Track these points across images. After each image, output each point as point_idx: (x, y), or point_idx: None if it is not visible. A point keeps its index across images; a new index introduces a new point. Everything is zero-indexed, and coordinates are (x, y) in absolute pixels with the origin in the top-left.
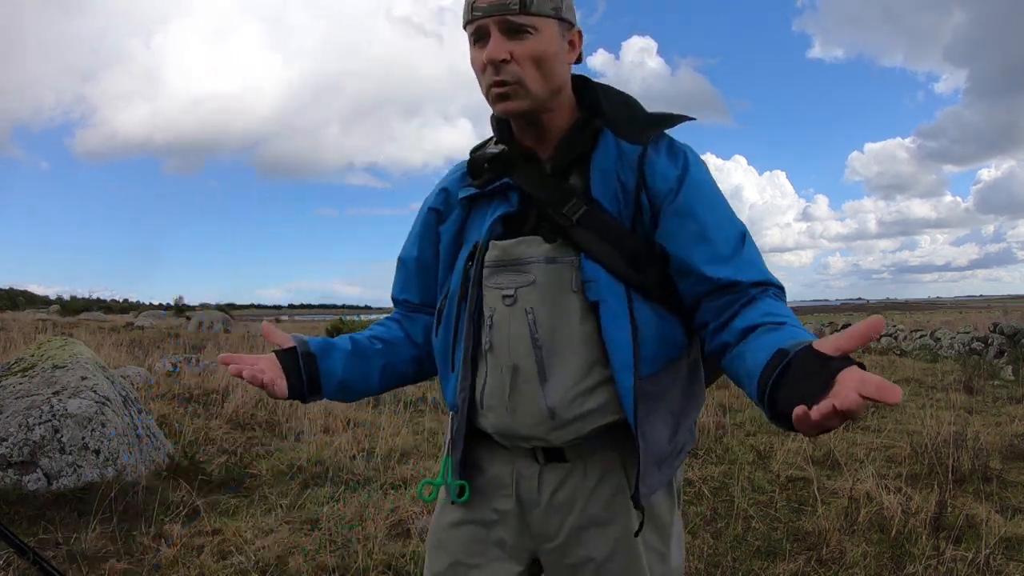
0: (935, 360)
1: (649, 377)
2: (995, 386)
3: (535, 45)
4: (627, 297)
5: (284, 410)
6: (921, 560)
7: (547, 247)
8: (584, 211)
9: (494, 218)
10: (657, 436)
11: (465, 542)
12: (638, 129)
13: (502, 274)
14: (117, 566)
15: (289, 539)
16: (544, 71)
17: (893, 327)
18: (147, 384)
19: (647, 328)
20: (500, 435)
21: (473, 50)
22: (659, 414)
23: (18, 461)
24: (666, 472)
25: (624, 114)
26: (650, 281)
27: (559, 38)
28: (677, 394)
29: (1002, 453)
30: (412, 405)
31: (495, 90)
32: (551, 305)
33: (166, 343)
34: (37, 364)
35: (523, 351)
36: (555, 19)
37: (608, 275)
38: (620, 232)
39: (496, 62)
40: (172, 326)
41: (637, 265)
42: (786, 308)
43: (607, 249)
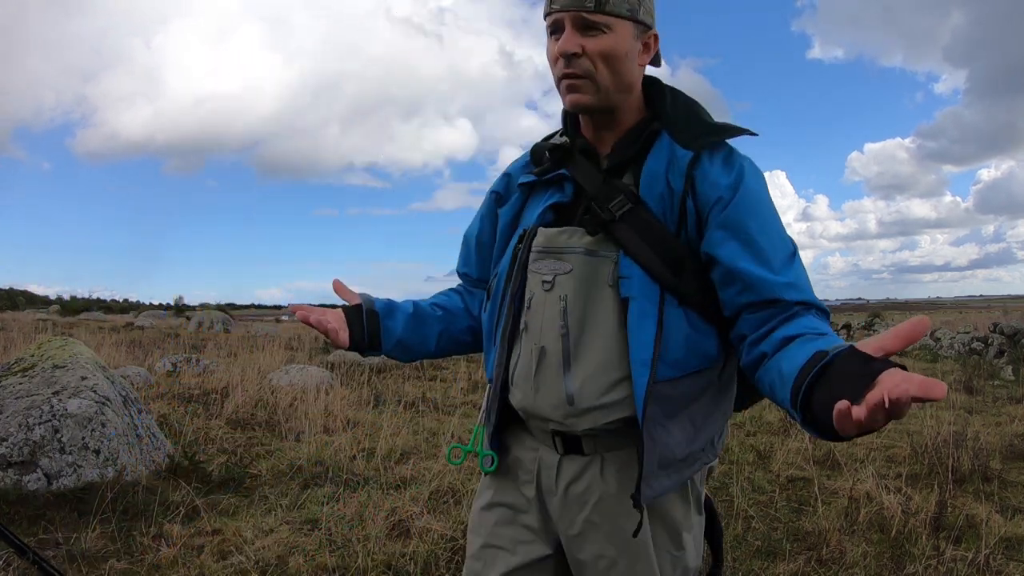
0: (935, 360)
1: (670, 381)
2: (995, 386)
3: (607, 43)
4: (660, 299)
5: (284, 410)
6: (921, 560)
7: (588, 239)
8: (628, 209)
9: (546, 206)
10: (669, 440)
11: (494, 525)
12: (694, 135)
13: (545, 260)
14: (117, 566)
15: (289, 539)
16: (614, 69)
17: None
18: (147, 384)
19: (676, 332)
20: (523, 412)
21: (549, 41)
22: (677, 420)
23: (18, 461)
24: (674, 478)
25: (684, 119)
26: (687, 286)
27: (632, 39)
28: (701, 405)
29: (1002, 453)
30: (412, 405)
31: (565, 82)
32: (585, 296)
33: (166, 343)
34: (37, 364)
35: (552, 335)
36: (630, 20)
37: (643, 274)
38: (662, 234)
39: (568, 55)
40: (172, 326)
41: (676, 269)
42: (828, 327)
43: (646, 249)
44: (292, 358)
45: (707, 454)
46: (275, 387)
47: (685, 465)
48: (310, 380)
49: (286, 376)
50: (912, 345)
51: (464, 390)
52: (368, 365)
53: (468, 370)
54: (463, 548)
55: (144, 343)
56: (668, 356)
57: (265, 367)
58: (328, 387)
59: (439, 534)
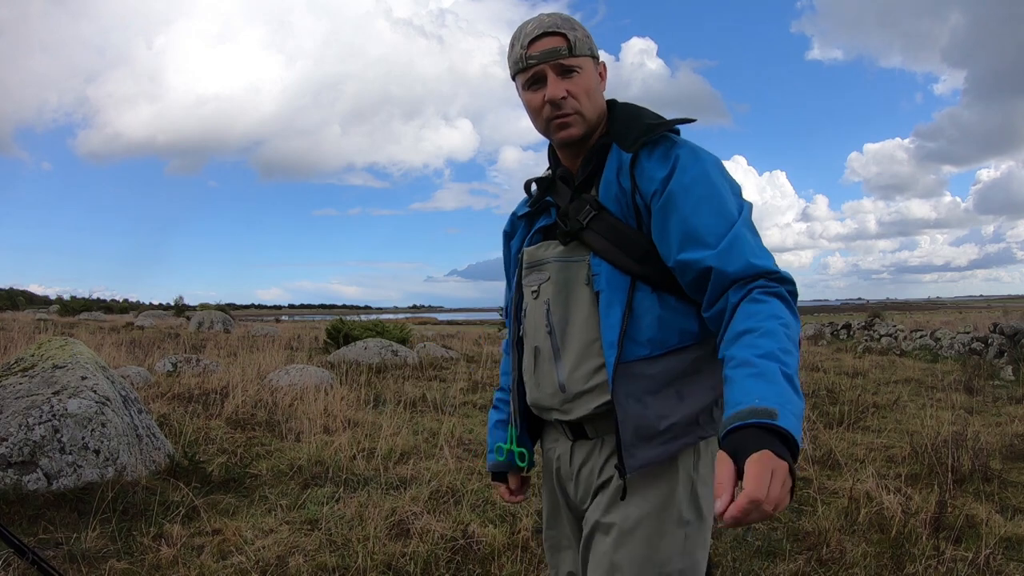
0: (935, 360)
1: (647, 359)
2: (995, 386)
3: (583, 81)
4: (630, 287)
5: (284, 410)
6: (921, 560)
7: (561, 249)
8: (592, 216)
9: (534, 230)
10: (646, 413)
11: (546, 505)
12: (633, 138)
13: (532, 274)
14: (117, 566)
15: (289, 539)
16: (592, 101)
17: (893, 327)
18: (147, 384)
19: (647, 315)
20: (533, 406)
21: (527, 94)
22: (661, 395)
23: (18, 461)
24: (659, 449)
25: (626, 126)
26: (655, 273)
27: (595, 72)
28: (686, 378)
29: (1002, 453)
30: (412, 405)
31: (557, 122)
32: (565, 297)
33: (166, 343)
34: (37, 364)
35: (541, 335)
36: (591, 57)
37: (611, 269)
38: (626, 232)
39: (557, 100)
40: (172, 326)
41: (640, 259)
42: (768, 307)
43: (611, 247)
44: (292, 358)
45: (703, 428)
46: (275, 387)
47: (671, 436)
48: (310, 380)
49: (286, 376)
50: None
51: (464, 390)
52: (368, 365)
53: (468, 370)
54: (463, 548)
55: (144, 343)
56: (640, 336)
57: (265, 367)
58: (328, 387)
59: (439, 534)
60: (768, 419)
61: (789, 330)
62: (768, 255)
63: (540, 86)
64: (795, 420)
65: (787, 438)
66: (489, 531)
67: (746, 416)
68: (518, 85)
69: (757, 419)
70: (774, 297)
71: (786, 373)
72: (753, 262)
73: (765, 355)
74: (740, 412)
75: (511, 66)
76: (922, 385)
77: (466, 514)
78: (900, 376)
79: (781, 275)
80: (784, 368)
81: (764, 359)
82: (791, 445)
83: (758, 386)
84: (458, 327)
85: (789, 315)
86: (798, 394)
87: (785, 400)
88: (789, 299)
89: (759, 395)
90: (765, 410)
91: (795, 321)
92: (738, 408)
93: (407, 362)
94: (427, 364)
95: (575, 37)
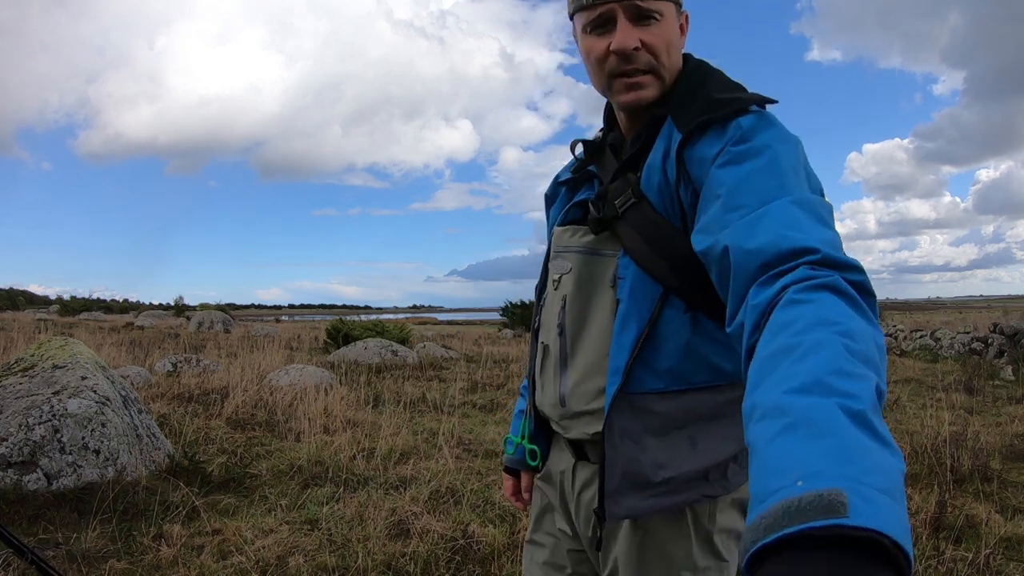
0: (935, 360)
1: (659, 393)
2: (995, 386)
3: (662, 31)
4: (659, 301)
5: (284, 410)
6: (921, 560)
7: (591, 238)
8: (631, 204)
9: (571, 204)
10: (642, 458)
11: (536, 518)
12: (692, 114)
13: (556, 259)
14: (117, 566)
15: (289, 539)
16: (671, 58)
17: (893, 327)
18: (147, 384)
19: (673, 339)
20: (536, 406)
21: (588, 39)
22: (668, 439)
23: (18, 461)
24: (651, 501)
25: (689, 96)
26: (694, 287)
27: (675, 23)
28: (705, 423)
29: (1002, 453)
30: (412, 405)
31: (624, 80)
32: (585, 296)
33: (166, 343)
34: (37, 364)
35: (552, 334)
36: (673, 2)
37: (641, 274)
38: (665, 231)
39: (628, 51)
40: (172, 326)
41: (682, 268)
42: (814, 308)
43: (644, 248)
44: (292, 358)
45: (711, 485)
46: (275, 387)
47: (668, 490)
48: (310, 380)
49: (286, 376)
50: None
51: (463, 390)
52: (368, 365)
53: (468, 370)
54: (463, 548)
55: (144, 343)
56: (658, 364)
57: (265, 367)
58: (328, 387)
59: (439, 534)
60: (828, 518)
61: (854, 340)
62: (826, 234)
63: (606, 30)
64: (888, 505)
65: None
66: (489, 531)
67: (780, 519)
68: (576, 27)
69: (804, 523)
70: (824, 291)
71: (853, 411)
72: (787, 234)
73: (806, 387)
74: (768, 512)
75: (570, 1)
76: (922, 385)
77: (466, 514)
78: (900, 376)
79: (835, 258)
80: (848, 403)
81: (805, 394)
82: (894, 564)
83: (798, 448)
84: (458, 327)
85: (854, 316)
86: (886, 446)
87: (857, 463)
88: (852, 293)
89: (802, 466)
90: (818, 497)
91: (867, 326)
92: (765, 505)
93: (407, 362)
94: (427, 364)
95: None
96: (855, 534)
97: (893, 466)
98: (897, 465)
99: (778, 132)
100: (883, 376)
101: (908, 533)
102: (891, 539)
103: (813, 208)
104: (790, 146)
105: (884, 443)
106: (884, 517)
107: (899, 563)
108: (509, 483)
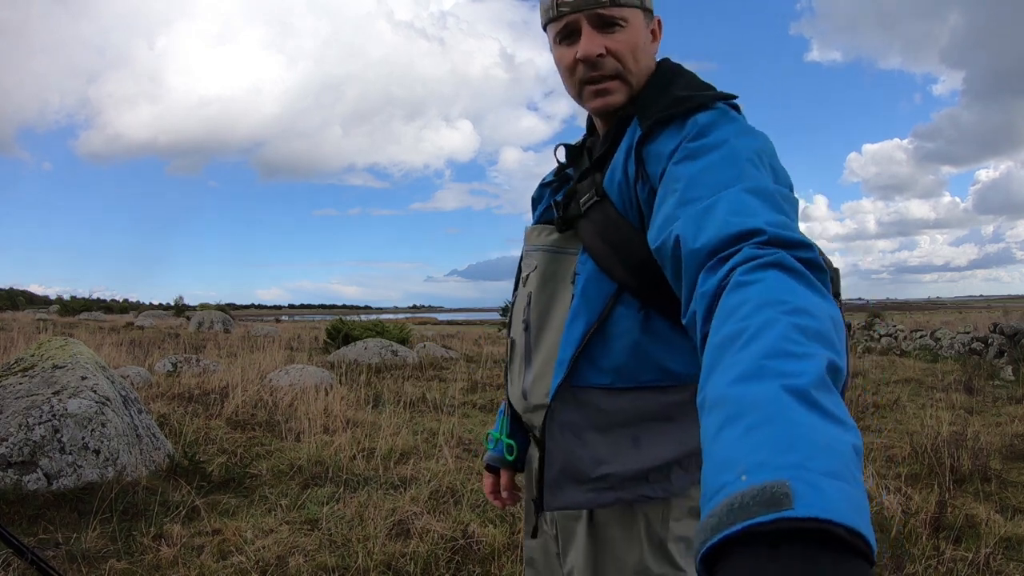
0: (935, 360)
1: (605, 389)
2: (995, 386)
3: (628, 37)
4: (611, 299)
5: (284, 410)
6: (921, 560)
7: (555, 237)
8: (593, 203)
9: (547, 204)
10: (579, 452)
11: (525, 513)
12: (654, 112)
13: (527, 257)
14: (117, 566)
15: (289, 539)
16: (639, 62)
17: (893, 327)
18: (147, 384)
19: (622, 337)
20: (509, 401)
21: (559, 49)
22: (610, 435)
23: (18, 461)
24: (591, 496)
25: (654, 95)
26: (648, 287)
27: (645, 28)
28: (650, 423)
29: (1002, 453)
30: (412, 405)
31: (591, 87)
32: (548, 293)
33: (166, 343)
34: (37, 364)
35: (519, 329)
36: (640, 9)
37: (596, 271)
38: (622, 229)
39: (592, 58)
40: (172, 326)
41: (638, 268)
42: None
43: (602, 245)
44: (292, 358)
45: (651, 486)
46: (275, 387)
47: (606, 487)
48: (310, 380)
49: (286, 376)
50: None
51: (463, 390)
52: (368, 365)
53: (468, 370)
54: (463, 548)
55: (144, 343)
56: (605, 361)
57: (265, 367)
58: (328, 387)
59: (439, 534)
60: (771, 512)
61: (801, 317)
62: (775, 217)
63: (574, 40)
64: (838, 489)
65: (831, 538)
66: (489, 531)
67: (724, 517)
68: (549, 37)
69: (747, 520)
70: (771, 269)
71: (798, 390)
72: (733, 220)
73: (750, 374)
74: (715, 511)
75: (542, 13)
76: (922, 385)
77: (466, 514)
78: (900, 376)
79: (782, 236)
80: (792, 383)
81: (748, 382)
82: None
83: (741, 440)
84: (458, 327)
85: (803, 292)
86: (836, 422)
87: (801, 448)
88: (801, 269)
89: (746, 459)
90: (760, 491)
91: (819, 302)
92: (712, 504)
93: (407, 362)
94: (427, 364)
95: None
96: (802, 526)
97: (843, 443)
98: (847, 440)
99: (738, 127)
100: (840, 351)
101: (862, 513)
102: (844, 526)
103: (768, 196)
104: (750, 139)
105: (834, 420)
106: (833, 503)
107: (857, 548)
108: (488, 481)
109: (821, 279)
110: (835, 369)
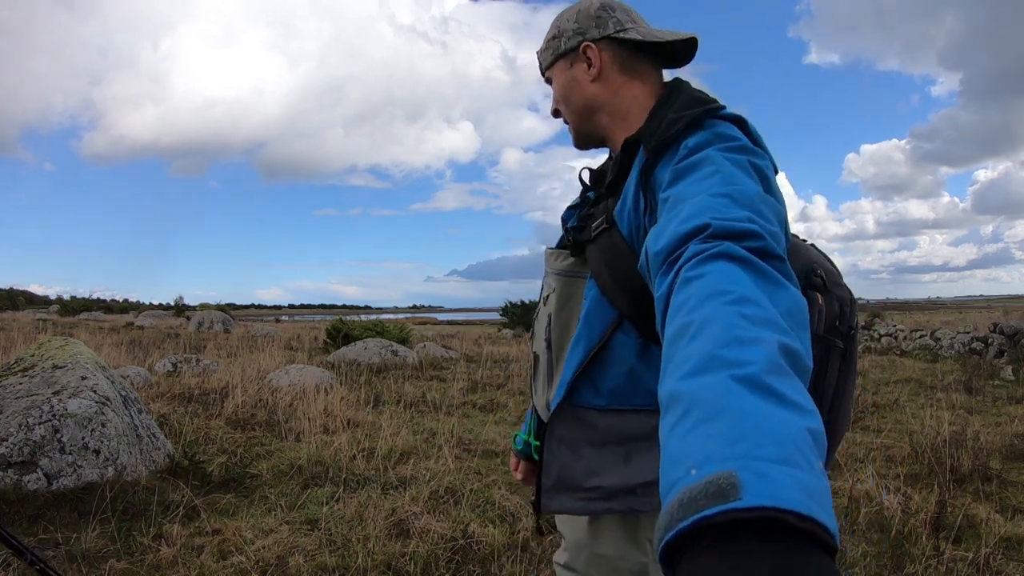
0: (935, 360)
1: (599, 409)
2: (995, 386)
3: (557, 89)
4: (612, 326)
5: (284, 410)
6: (921, 560)
7: (570, 261)
8: (601, 230)
9: (569, 226)
10: (573, 464)
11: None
12: (648, 138)
13: (546, 278)
14: (117, 566)
15: (289, 539)
16: (572, 105)
17: (893, 327)
18: (147, 384)
19: (619, 364)
20: (535, 406)
21: None
22: (604, 451)
23: (18, 461)
24: (580, 504)
25: (653, 120)
26: (648, 317)
27: (566, 72)
28: (641, 443)
29: (1002, 453)
30: (412, 405)
31: None
32: (566, 315)
33: (166, 343)
34: (37, 364)
35: (542, 347)
36: (560, 58)
37: (600, 298)
38: (624, 257)
39: (553, 116)
40: (172, 326)
41: (639, 296)
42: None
43: (605, 272)
44: (292, 358)
45: (639, 498)
46: (275, 387)
47: (597, 496)
48: (310, 380)
49: (286, 376)
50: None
51: (463, 390)
52: (368, 365)
53: (468, 370)
54: (463, 548)
55: (144, 343)
56: (602, 384)
57: (265, 367)
58: (328, 387)
59: (439, 534)
60: (718, 504)
61: (748, 305)
62: (730, 212)
63: None
64: (787, 475)
65: (783, 527)
66: (489, 531)
67: (676, 513)
68: None
69: (696, 513)
70: (716, 261)
71: (747, 378)
72: (686, 222)
73: (698, 368)
74: (668, 508)
75: None
76: (922, 385)
77: (466, 514)
78: (900, 376)
79: (728, 228)
80: (740, 371)
81: (697, 375)
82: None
83: (691, 434)
84: (458, 327)
85: (750, 280)
86: (789, 407)
87: (749, 438)
88: (748, 257)
89: (696, 453)
90: (708, 484)
91: (769, 287)
92: (666, 501)
93: (407, 362)
94: (427, 364)
95: (541, 51)
96: (750, 516)
97: (794, 428)
98: (800, 425)
99: (727, 144)
100: (795, 335)
101: (816, 497)
102: (794, 512)
103: (736, 197)
104: (737, 155)
105: (787, 404)
106: (781, 491)
107: (813, 535)
108: (515, 460)
109: (775, 266)
110: (789, 352)
